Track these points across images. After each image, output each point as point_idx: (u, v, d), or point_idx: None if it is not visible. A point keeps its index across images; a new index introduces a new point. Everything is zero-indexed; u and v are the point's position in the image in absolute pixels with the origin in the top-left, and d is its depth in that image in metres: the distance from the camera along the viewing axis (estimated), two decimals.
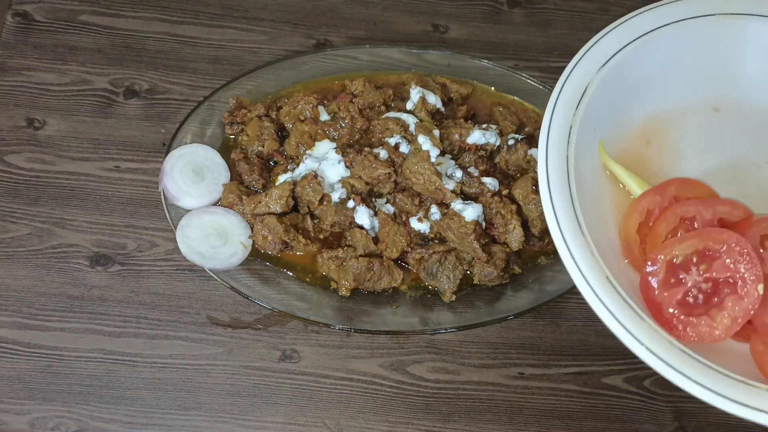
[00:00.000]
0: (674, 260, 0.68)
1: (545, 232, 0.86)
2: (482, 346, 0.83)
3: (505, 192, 0.85)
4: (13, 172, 0.89)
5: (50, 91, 0.94)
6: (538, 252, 0.86)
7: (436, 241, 0.85)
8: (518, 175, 0.88)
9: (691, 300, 0.68)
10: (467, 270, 0.84)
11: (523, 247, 0.85)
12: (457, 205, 0.83)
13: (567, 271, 0.84)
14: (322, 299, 0.82)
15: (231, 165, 0.88)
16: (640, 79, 0.77)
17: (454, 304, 0.83)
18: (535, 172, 0.87)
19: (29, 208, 0.87)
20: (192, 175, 0.86)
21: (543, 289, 0.84)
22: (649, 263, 0.68)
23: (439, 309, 0.83)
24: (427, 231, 0.84)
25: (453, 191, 0.84)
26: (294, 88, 0.94)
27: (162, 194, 0.85)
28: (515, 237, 0.84)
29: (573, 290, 0.84)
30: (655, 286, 0.68)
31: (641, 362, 0.83)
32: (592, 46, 0.75)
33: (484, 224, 0.84)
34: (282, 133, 0.91)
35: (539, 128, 0.93)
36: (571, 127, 0.71)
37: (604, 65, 0.75)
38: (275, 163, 0.90)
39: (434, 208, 0.84)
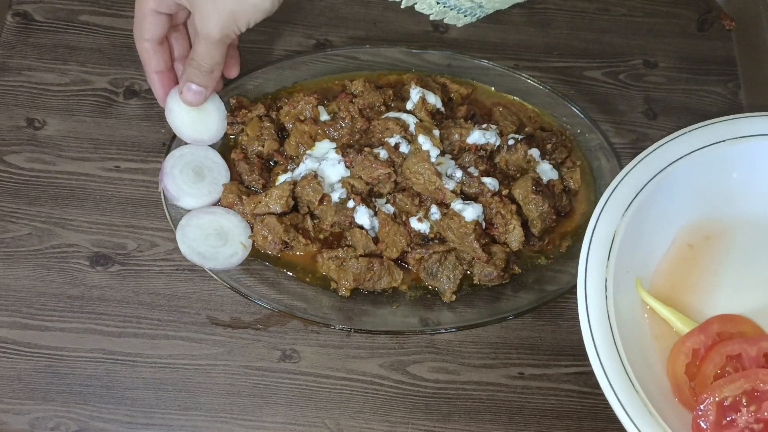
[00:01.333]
0: (724, 402, 0.69)
1: (545, 232, 0.87)
2: (482, 346, 0.83)
3: (505, 192, 0.85)
4: (13, 172, 0.89)
5: (50, 91, 0.94)
6: (538, 252, 0.86)
7: (436, 241, 0.85)
8: (518, 175, 0.88)
9: None
10: (467, 270, 0.84)
11: (523, 247, 0.85)
12: (457, 205, 0.83)
13: (567, 271, 0.85)
14: (322, 299, 0.82)
15: (231, 165, 0.88)
16: (664, 212, 0.80)
17: (454, 304, 0.83)
18: (535, 172, 0.88)
19: (29, 208, 0.87)
20: (192, 175, 0.86)
21: (543, 289, 0.84)
22: (699, 405, 0.69)
23: (439, 309, 0.83)
24: (427, 231, 0.84)
25: (453, 191, 0.84)
26: (294, 88, 0.94)
27: (162, 194, 0.85)
28: (515, 237, 0.84)
29: (573, 290, 0.84)
30: (706, 427, 0.68)
31: None
32: (612, 193, 0.77)
33: (484, 224, 0.84)
34: (282, 133, 0.91)
35: (539, 128, 0.93)
36: (606, 279, 0.73)
37: (627, 209, 0.77)
38: (275, 163, 0.90)
39: (434, 208, 0.84)
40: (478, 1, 0.71)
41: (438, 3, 0.73)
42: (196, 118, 0.88)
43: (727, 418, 0.69)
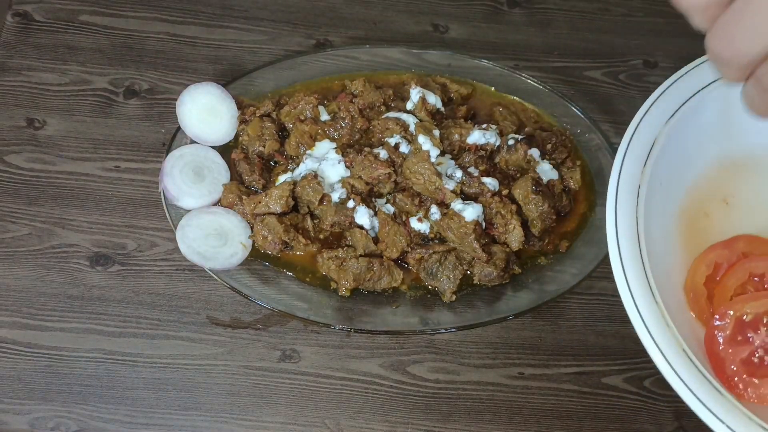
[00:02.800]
0: (744, 317, 0.68)
1: (545, 232, 0.87)
2: (482, 346, 0.83)
3: (505, 192, 0.85)
4: (13, 172, 0.89)
5: (50, 91, 0.94)
6: (538, 252, 0.86)
7: (436, 241, 0.85)
8: (518, 175, 0.88)
9: (756, 360, 0.67)
10: (467, 270, 0.84)
11: (523, 247, 0.85)
12: (457, 205, 0.83)
13: (567, 271, 0.85)
14: (322, 299, 0.82)
15: (231, 165, 0.88)
16: (709, 128, 0.75)
17: (454, 304, 0.83)
18: (535, 172, 0.88)
19: (29, 208, 0.87)
20: (192, 175, 0.86)
21: (543, 289, 0.84)
22: (717, 317, 0.68)
23: (439, 309, 0.83)
24: (427, 231, 0.84)
25: (453, 191, 0.84)
26: (294, 88, 0.94)
27: (162, 194, 0.85)
28: (515, 237, 0.84)
29: (573, 290, 0.84)
30: (721, 341, 0.67)
31: (641, 362, 0.84)
32: (656, 100, 0.73)
33: (484, 224, 0.84)
34: (282, 133, 0.91)
35: (539, 128, 0.93)
36: (639, 186, 0.70)
37: (672, 116, 0.73)
38: (276, 163, 0.90)
39: (434, 208, 0.84)
40: None
41: None
42: (204, 118, 0.88)
43: (744, 335, 0.67)
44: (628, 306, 0.65)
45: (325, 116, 0.91)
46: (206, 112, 0.89)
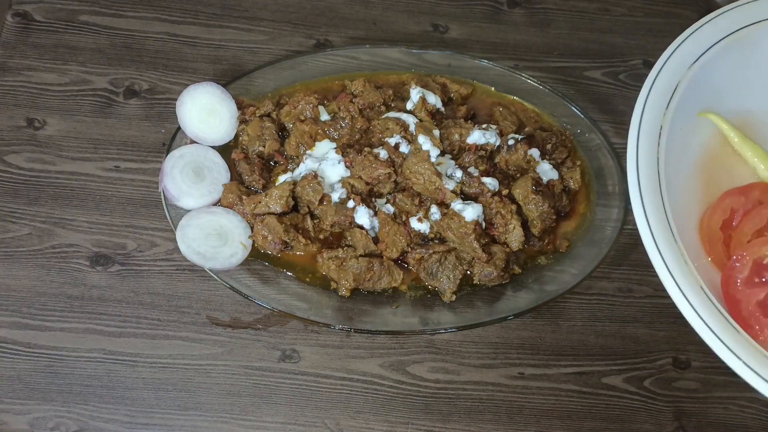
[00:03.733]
0: (762, 260, 0.68)
1: (545, 232, 0.87)
2: (482, 346, 0.83)
3: (505, 192, 0.85)
4: (13, 172, 0.89)
5: (50, 91, 0.94)
6: (538, 252, 0.86)
7: (436, 241, 0.85)
8: (518, 175, 0.88)
9: None
10: (467, 270, 0.84)
11: (523, 247, 0.85)
12: (457, 205, 0.83)
13: (567, 271, 0.85)
14: (322, 299, 0.82)
15: (231, 165, 0.88)
16: (729, 78, 0.76)
17: (454, 304, 0.83)
18: (535, 172, 0.88)
19: (29, 208, 0.87)
20: (192, 175, 0.86)
21: (543, 289, 0.84)
22: (735, 260, 0.68)
23: (439, 309, 0.83)
24: (427, 231, 0.84)
25: (453, 191, 0.84)
26: (294, 88, 0.94)
27: (162, 194, 0.85)
28: (515, 237, 0.84)
29: (573, 290, 0.84)
30: (738, 283, 0.67)
31: (641, 362, 0.84)
32: (680, 44, 0.74)
33: (484, 224, 0.84)
34: (282, 133, 0.91)
35: (539, 128, 0.93)
36: (661, 128, 0.71)
37: (694, 63, 0.74)
38: (275, 163, 0.90)
39: (434, 208, 0.84)
40: None
41: None
42: (204, 118, 0.88)
43: (761, 278, 0.68)
44: (647, 244, 0.66)
45: (325, 116, 0.91)
46: (206, 112, 0.89)
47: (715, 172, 0.75)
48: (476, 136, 0.88)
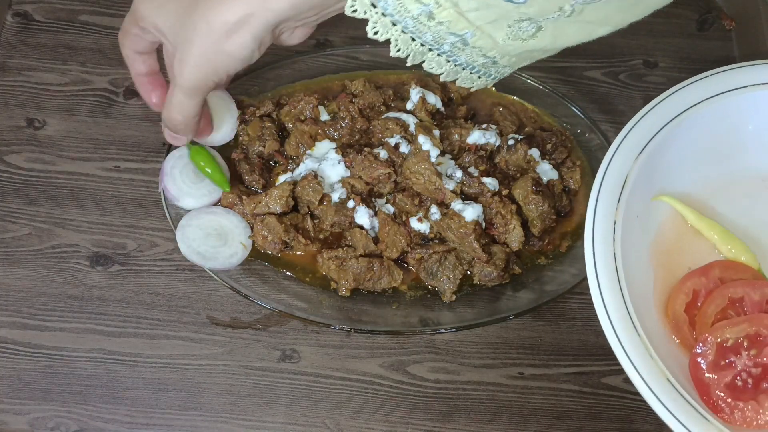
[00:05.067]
0: (725, 343, 0.69)
1: (545, 232, 0.87)
2: (482, 346, 0.83)
3: (505, 192, 0.85)
4: (13, 172, 0.89)
5: (50, 91, 0.94)
6: (538, 252, 0.86)
7: (436, 241, 0.85)
8: (518, 175, 0.88)
9: (740, 383, 0.68)
10: (467, 270, 0.84)
11: (523, 247, 0.85)
12: (457, 205, 0.83)
13: (567, 271, 0.85)
14: (322, 299, 0.82)
15: (231, 165, 0.88)
16: (677, 160, 0.78)
17: (454, 304, 0.83)
18: (535, 172, 0.88)
19: (29, 208, 0.87)
20: (192, 175, 0.86)
21: (543, 289, 0.84)
22: (700, 344, 0.69)
23: (439, 309, 0.83)
24: (427, 231, 0.84)
25: (453, 191, 0.84)
26: (294, 88, 0.94)
27: (162, 194, 0.85)
28: (515, 237, 0.84)
29: (573, 290, 0.84)
30: (704, 367, 0.68)
31: None
32: (626, 136, 0.76)
33: (484, 224, 0.84)
34: (282, 133, 0.91)
35: (539, 128, 0.93)
36: (615, 222, 0.72)
37: (640, 153, 0.75)
38: (275, 163, 0.90)
39: (434, 208, 0.84)
40: (491, 56, 0.68)
41: (448, 61, 0.70)
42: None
43: (726, 360, 0.69)
44: (611, 340, 0.67)
45: (325, 116, 0.91)
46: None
47: (675, 253, 0.76)
48: (476, 136, 0.88)
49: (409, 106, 0.91)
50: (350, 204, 0.84)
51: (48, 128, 0.92)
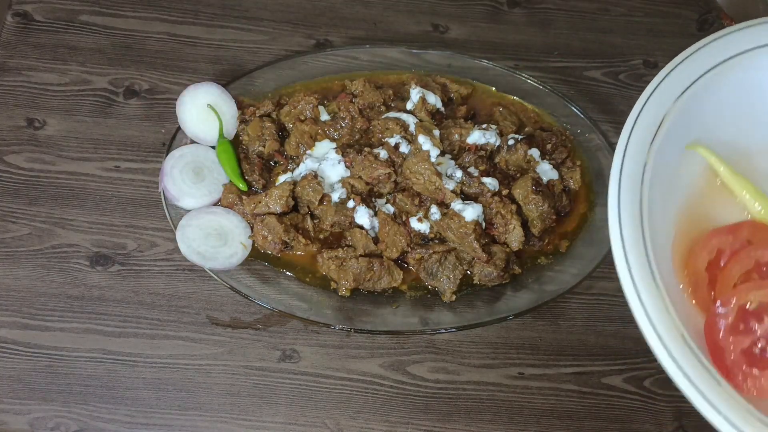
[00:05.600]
0: (747, 306, 0.65)
1: (545, 232, 0.87)
2: (482, 346, 0.83)
3: (505, 192, 0.85)
4: (13, 172, 0.89)
5: (50, 91, 0.94)
6: (538, 252, 0.86)
7: (436, 241, 0.85)
8: (518, 175, 0.88)
9: (757, 351, 0.64)
10: (467, 270, 0.84)
11: (523, 247, 0.85)
12: (457, 205, 0.83)
13: (567, 271, 0.85)
14: (322, 299, 0.82)
15: None
16: (719, 110, 0.73)
17: (454, 304, 0.83)
18: (535, 172, 0.87)
19: (29, 208, 0.87)
20: (192, 175, 0.86)
21: (543, 289, 0.84)
22: (719, 304, 0.65)
23: (439, 309, 0.83)
24: (427, 231, 0.84)
25: (453, 191, 0.84)
26: (294, 88, 0.94)
27: (162, 194, 0.85)
28: (515, 237, 0.84)
29: (573, 290, 0.84)
30: (722, 329, 0.64)
31: (641, 362, 0.84)
32: (667, 75, 0.71)
33: (484, 224, 0.84)
34: (282, 133, 0.91)
35: (539, 128, 0.93)
36: (645, 164, 0.67)
37: (682, 94, 0.71)
38: (276, 163, 0.90)
39: (434, 208, 0.84)
40: None
41: None
42: (204, 118, 0.88)
43: (746, 325, 0.64)
44: (626, 286, 0.62)
45: (325, 116, 0.91)
46: (206, 112, 0.89)
47: (703, 209, 0.71)
48: (476, 136, 0.88)
49: (409, 106, 0.91)
50: (350, 204, 0.84)
51: (48, 128, 0.92)
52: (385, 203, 0.86)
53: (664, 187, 0.69)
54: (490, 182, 0.85)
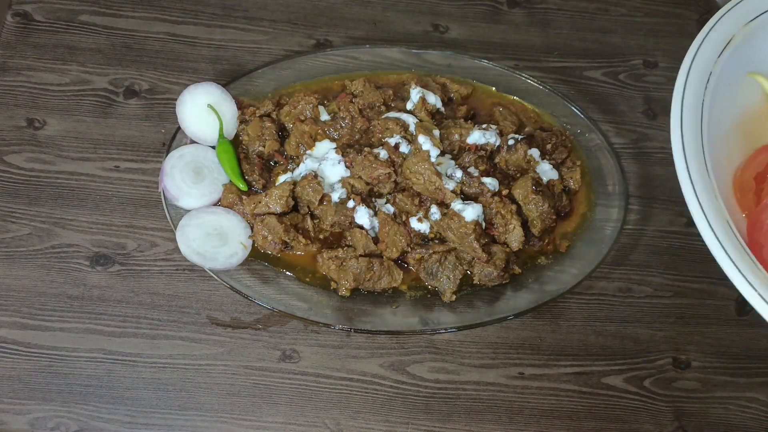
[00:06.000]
0: None
1: (545, 232, 0.87)
2: (482, 346, 0.83)
3: (505, 192, 0.85)
4: (13, 172, 0.89)
5: (50, 91, 0.94)
6: (538, 252, 0.86)
7: (436, 241, 0.85)
8: (518, 175, 0.88)
9: None
10: (467, 270, 0.84)
11: (523, 247, 0.85)
12: (457, 205, 0.83)
13: (567, 271, 0.85)
14: (322, 299, 0.82)
15: None
16: None
17: (454, 304, 0.83)
18: (535, 172, 0.88)
19: (29, 208, 0.87)
20: (192, 175, 0.86)
21: (543, 289, 0.84)
22: (763, 205, 0.70)
23: (439, 309, 0.83)
24: (427, 231, 0.84)
25: (453, 191, 0.84)
26: (294, 88, 0.94)
27: (162, 194, 0.85)
28: (515, 237, 0.84)
29: (573, 290, 0.84)
30: (763, 227, 0.69)
31: (641, 362, 0.84)
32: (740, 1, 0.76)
33: (483, 224, 0.84)
34: (282, 133, 0.91)
35: (539, 128, 0.93)
36: (710, 74, 0.72)
37: (752, 20, 0.75)
38: (276, 163, 0.90)
39: (434, 208, 0.84)
40: None
41: None
42: (204, 118, 0.88)
43: None
44: (681, 172, 0.68)
45: (325, 116, 0.91)
46: (206, 112, 0.89)
47: (756, 130, 0.77)
48: (476, 136, 0.88)
49: (409, 106, 0.91)
50: (350, 204, 0.84)
51: (48, 128, 0.92)
52: (385, 203, 0.86)
53: (725, 102, 0.74)
54: (490, 182, 0.85)
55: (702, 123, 0.70)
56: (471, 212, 0.82)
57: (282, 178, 0.87)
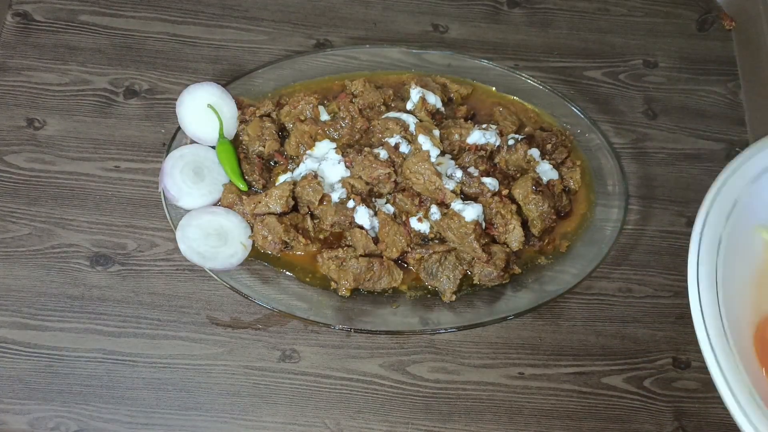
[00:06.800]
0: None
1: (545, 232, 0.87)
2: (482, 346, 0.83)
3: (505, 192, 0.85)
4: (13, 172, 0.89)
5: (50, 91, 0.94)
6: (537, 252, 0.86)
7: (436, 241, 0.85)
8: (518, 175, 0.88)
9: None
10: (467, 270, 0.84)
11: (523, 247, 0.85)
12: (457, 205, 0.83)
13: (567, 271, 0.85)
14: (322, 299, 0.82)
15: None
16: None
17: (454, 304, 0.83)
18: (535, 172, 0.88)
19: (29, 208, 0.87)
20: (192, 175, 0.86)
21: (543, 289, 0.84)
22: None
23: (439, 309, 0.83)
24: (427, 231, 0.84)
25: (453, 191, 0.84)
26: (294, 88, 0.94)
27: (162, 194, 0.85)
28: (515, 237, 0.84)
29: (573, 290, 0.84)
30: None
31: (641, 362, 0.84)
32: (744, 162, 0.77)
33: (483, 224, 0.84)
34: (282, 133, 0.91)
35: (539, 128, 0.93)
36: (720, 237, 0.74)
37: (756, 179, 0.77)
38: (276, 163, 0.90)
39: (434, 208, 0.84)
40: None
41: None
42: (205, 117, 0.88)
43: None
44: (703, 346, 0.69)
45: (325, 116, 0.91)
46: (206, 112, 0.89)
47: None
48: (476, 136, 0.88)
49: (409, 106, 0.91)
50: (350, 204, 0.84)
51: (48, 128, 0.92)
52: (385, 203, 0.86)
53: (737, 263, 0.75)
54: (490, 182, 0.85)
55: (717, 288, 0.72)
56: (471, 212, 0.82)
57: (282, 178, 0.87)
